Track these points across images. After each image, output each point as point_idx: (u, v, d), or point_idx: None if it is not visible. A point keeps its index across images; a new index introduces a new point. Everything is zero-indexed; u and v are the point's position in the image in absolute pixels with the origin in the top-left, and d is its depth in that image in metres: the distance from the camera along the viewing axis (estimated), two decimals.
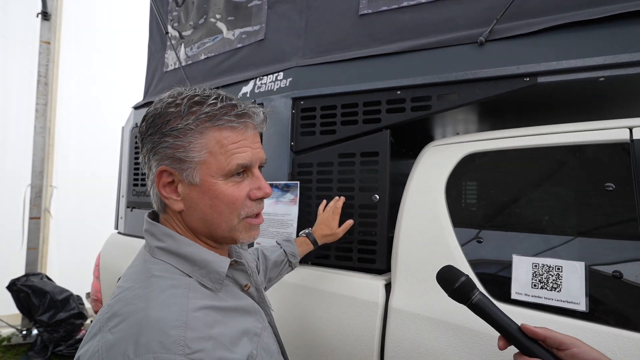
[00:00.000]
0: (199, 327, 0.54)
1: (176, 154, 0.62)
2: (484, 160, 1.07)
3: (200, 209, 0.65)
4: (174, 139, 0.62)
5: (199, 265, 0.63)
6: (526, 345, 0.67)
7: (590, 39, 0.99)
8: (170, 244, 0.64)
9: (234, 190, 0.65)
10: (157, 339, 0.51)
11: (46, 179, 3.92)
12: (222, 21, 1.83)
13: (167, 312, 0.54)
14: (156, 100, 0.66)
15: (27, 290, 3.31)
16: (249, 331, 0.63)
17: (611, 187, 0.87)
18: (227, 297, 0.65)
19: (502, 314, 0.71)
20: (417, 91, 1.22)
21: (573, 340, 0.65)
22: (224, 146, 0.63)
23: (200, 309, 0.57)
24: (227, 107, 0.64)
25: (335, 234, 1.23)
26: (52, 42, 3.93)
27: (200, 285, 0.62)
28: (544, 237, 0.93)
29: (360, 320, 1.11)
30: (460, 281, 0.75)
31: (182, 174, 0.63)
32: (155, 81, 2.20)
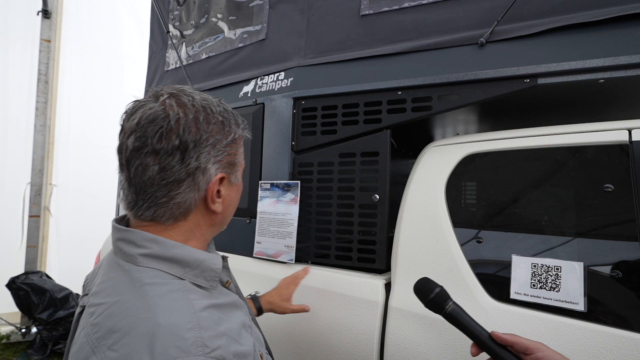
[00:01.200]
0: (210, 326, 0.55)
1: (233, 160, 0.69)
2: (484, 161, 1.08)
3: (234, 205, 0.74)
4: (231, 148, 0.68)
5: (192, 265, 0.62)
6: (496, 352, 0.72)
7: (590, 41, 1.00)
8: (156, 249, 0.61)
9: None
10: (174, 344, 0.50)
11: (46, 177, 3.91)
12: (223, 21, 1.83)
13: (177, 316, 0.53)
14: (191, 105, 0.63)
15: (27, 288, 3.30)
16: (245, 324, 0.65)
17: (610, 188, 0.87)
18: (219, 295, 0.65)
19: (474, 323, 0.76)
20: (417, 92, 1.23)
21: (538, 345, 0.70)
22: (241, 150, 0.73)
23: (205, 309, 0.57)
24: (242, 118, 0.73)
25: (283, 308, 1.12)
26: (53, 40, 3.93)
27: (195, 286, 0.62)
28: (543, 238, 0.93)
29: (360, 319, 1.11)
30: (434, 292, 0.80)
31: (231, 177, 0.69)
32: (156, 80, 2.20)
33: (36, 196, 3.81)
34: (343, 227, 1.32)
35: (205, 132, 0.63)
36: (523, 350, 0.70)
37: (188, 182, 0.62)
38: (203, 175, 0.63)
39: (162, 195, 0.61)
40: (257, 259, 1.44)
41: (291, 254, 1.35)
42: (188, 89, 0.66)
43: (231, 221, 1.78)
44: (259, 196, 1.47)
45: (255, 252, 1.45)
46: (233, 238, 1.56)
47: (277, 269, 1.36)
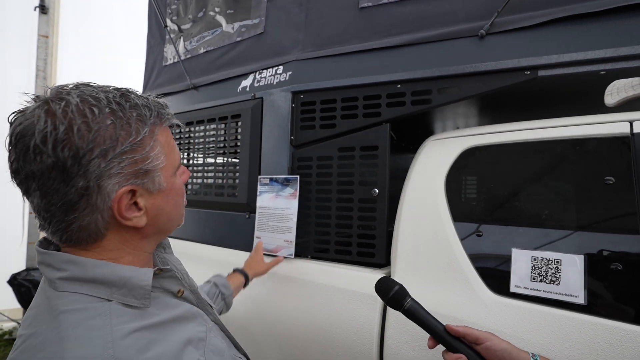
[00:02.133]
0: (131, 356, 0.49)
1: (142, 167, 0.56)
2: (484, 154, 1.07)
3: (167, 212, 0.62)
4: (134, 154, 0.54)
5: (117, 284, 0.55)
6: (450, 343, 0.76)
7: (591, 32, 0.99)
8: (74, 271, 0.54)
9: (180, 181, 0.65)
10: None
11: None
12: (221, 14, 1.82)
13: (88, 348, 0.47)
14: (61, 114, 0.50)
15: (28, 284, 3.32)
16: (192, 339, 0.59)
17: (611, 181, 0.87)
18: (158, 311, 0.58)
19: (431, 317, 0.80)
20: (417, 85, 1.22)
21: (487, 335, 0.75)
22: (169, 144, 0.61)
23: (130, 334, 0.51)
24: (157, 103, 0.59)
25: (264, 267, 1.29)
26: (50, 36, 3.91)
27: (125, 306, 0.54)
28: (544, 231, 0.93)
29: (359, 313, 1.11)
30: (393, 290, 0.83)
31: (148, 185, 0.57)
32: (154, 75, 2.19)
33: None
34: (342, 221, 1.32)
35: (85, 142, 0.50)
36: (474, 340, 0.75)
37: (83, 203, 0.52)
38: (99, 194, 0.52)
39: (59, 220, 0.53)
40: None
41: (291, 248, 1.35)
42: (79, 86, 0.55)
43: (230, 216, 1.77)
44: (258, 191, 1.47)
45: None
46: (232, 233, 1.56)
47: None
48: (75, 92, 0.53)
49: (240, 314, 1.34)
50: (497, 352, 0.73)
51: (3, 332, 3.52)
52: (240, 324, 1.33)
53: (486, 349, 0.74)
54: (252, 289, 1.32)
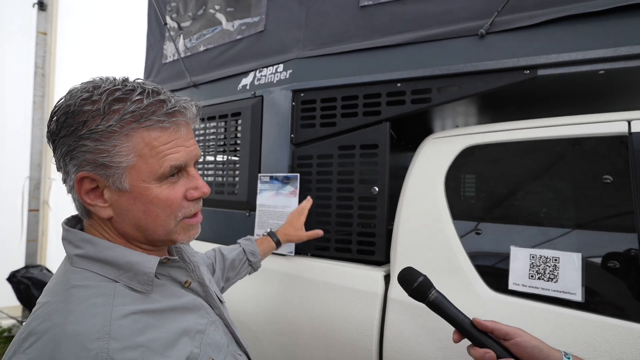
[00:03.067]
0: (125, 336, 0.51)
1: (98, 159, 0.55)
2: (483, 153, 1.08)
3: (132, 216, 0.60)
4: (95, 143, 0.55)
5: (124, 268, 0.58)
6: (477, 338, 0.73)
7: (590, 32, 0.99)
8: (89, 250, 0.58)
9: (169, 193, 0.60)
10: (75, 355, 0.47)
11: (44, 171, 3.91)
12: (221, 12, 1.82)
13: (87, 324, 0.50)
14: (68, 93, 0.58)
15: (27, 282, 3.32)
16: (189, 330, 0.61)
17: (609, 180, 0.88)
18: (162, 298, 0.61)
19: (456, 310, 0.77)
20: (417, 84, 1.22)
21: (517, 330, 0.72)
22: (154, 148, 0.57)
23: (128, 316, 0.54)
24: (155, 104, 0.57)
25: (299, 236, 1.24)
26: (49, 32, 3.89)
27: (129, 289, 0.58)
28: (542, 229, 0.94)
29: (360, 310, 1.12)
30: (418, 281, 0.80)
31: (108, 180, 0.57)
32: (154, 73, 2.19)
33: (35, 190, 3.81)
34: (343, 219, 1.33)
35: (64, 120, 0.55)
36: (503, 335, 0.72)
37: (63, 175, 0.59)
38: (67, 172, 0.58)
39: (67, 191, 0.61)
40: None
41: (291, 246, 1.35)
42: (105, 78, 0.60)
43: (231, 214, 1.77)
44: (258, 189, 1.47)
45: None
46: (232, 231, 1.57)
47: (276, 261, 1.37)
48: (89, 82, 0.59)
49: (241, 311, 1.35)
50: (528, 349, 0.69)
51: (2, 329, 3.53)
52: (241, 321, 1.34)
53: (516, 345, 0.70)
54: (254, 286, 1.33)
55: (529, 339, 0.71)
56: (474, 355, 0.73)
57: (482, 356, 0.71)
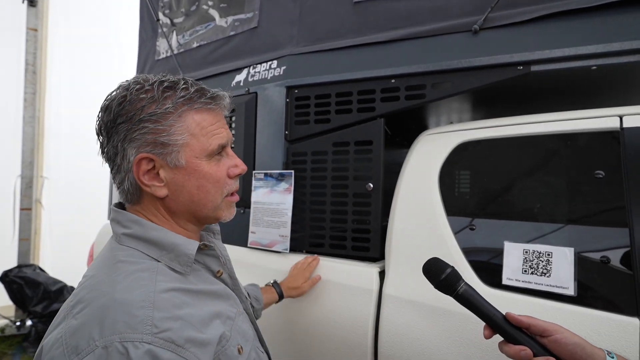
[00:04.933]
0: (166, 308, 0.55)
1: (158, 138, 0.62)
2: (477, 149, 1.08)
3: (187, 191, 0.66)
4: (154, 124, 0.62)
5: (167, 249, 0.63)
6: (511, 334, 0.68)
7: (582, 28, 1.00)
8: (137, 230, 0.64)
9: (217, 169, 0.68)
10: (123, 320, 0.51)
11: (36, 170, 3.87)
12: (214, 8, 1.80)
13: (133, 294, 0.55)
14: (119, 87, 0.65)
15: (20, 281, 3.29)
16: (221, 314, 0.64)
17: (601, 175, 0.88)
18: (197, 281, 0.65)
19: (487, 304, 0.72)
20: (411, 80, 1.22)
21: (556, 327, 0.67)
22: (204, 128, 0.66)
23: (168, 291, 0.58)
24: (200, 91, 0.66)
25: (302, 289, 1.19)
26: (39, 29, 3.84)
27: (169, 269, 0.63)
28: (535, 224, 0.94)
29: (355, 306, 1.13)
30: (446, 273, 0.75)
31: (166, 158, 0.63)
32: (147, 70, 2.17)
33: (27, 189, 3.77)
34: (337, 216, 1.32)
35: (119, 109, 0.62)
36: (540, 332, 0.67)
37: (117, 161, 0.64)
38: (124, 156, 0.63)
39: (113, 175, 0.67)
40: (252, 248, 1.44)
41: (286, 243, 1.35)
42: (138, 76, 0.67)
43: None
44: (253, 186, 1.47)
45: (249, 242, 1.45)
46: (227, 228, 1.56)
47: (271, 258, 1.37)
48: (135, 77, 0.66)
49: None
50: (569, 347, 0.64)
51: None
52: None
53: (555, 342, 0.65)
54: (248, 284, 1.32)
55: (569, 335, 0.66)
56: (508, 353, 0.68)
57: (517, 354, 0.66)
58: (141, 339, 0.50)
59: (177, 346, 0.53)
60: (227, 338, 0.62)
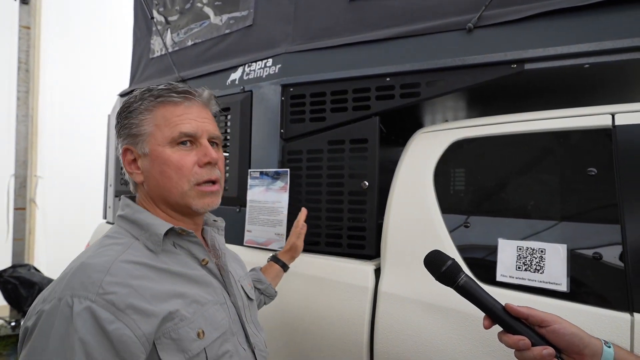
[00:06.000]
0: (120, 275, 0.60)
1: (131, 131, 0.72)
2: (471, 147, 1.09)
3: (153, 177, 0.72)
4: (129, 120, 0.73)
5: (144, 228, 0.70)
6: (510, 324, 0.70)
7: (575, 26, 1.01)
8: (127, 212, 0.73)
9: (181, 157, 0.71)
10: (80, 280, 0.58)
11: (30, 169, 3.84)
12: (209, 6, 1.79)
13: (97, 260, 0.61)
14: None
15: (15, 281, 3.27)
16: (186, 296, 0.67)
17: (593, 172, 0.89)
18: (170, 262, 0.69)
19: (487, 295, 0.74)
20: (406, 78, 1.23)
21: (554, 317, 0.68)
22: (168, 119, 0.72)
23: (131, 263, 0.63)
24: (171, 88, 0.74)
25: (294, 245, 1.18)
26: (32, 26, 3.80)
27: (145, 247, 0.68)
28: (529, 222, 0.95)
29: (350, 304, 1.13)
30: (447, 265, 0.77)
31: (137, 147, 0.72)
32: (141, 68, 2.15)
33: (21, 188, 3.74)
34: (333, 214, 1.33)
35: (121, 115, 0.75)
36: (538, 322, 0.68)
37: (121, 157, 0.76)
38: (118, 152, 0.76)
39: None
40: (248, 247, 1.44)
41: (282, 241, 1.36)
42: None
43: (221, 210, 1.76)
44: (249, 185, 1.47)
45: (245, 241, 1.45)
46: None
47: (267, 256, 1.37)
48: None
49: None
50: (566, 337, 0.66)
51: None
52: None
53: (553, 332, 0.67)
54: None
55: (567, 325, 0.67)
56: (507, 342, 0.69)
57: (516, 343, 0.67)
58: (86, 297, 0.56)
59: (117, 309, 0.57)
60: (181, 317, 0.64)
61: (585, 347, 0.65)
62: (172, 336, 0.62)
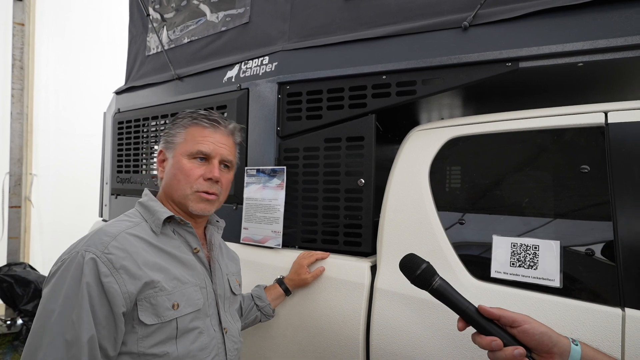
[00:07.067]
0: (122, 243, 0.77)
1: (168, 138, 0.94)
2: (466, 144, 1.10)
3: (168, 177, 0.91)
4: (170, 129, 0.94)
5: (151, 212, 0.87)
6: (483, 325, 0.72)
7: (569, 25, 1.01)
8: (145, 199, 0.91)
9: (192, 167, 0.89)
10: (94, 241, 0.75)
11: (25, 167, 3.81)
12: (205, 3, 1.79)
13: (110, 229, 0.79)
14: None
15: (10, 280, 3.25)
16: (169, 272, 0.81)
17: (586, 169, 0.90)
18: (165, 243, 0.85)
19: (461, 297, 0.75)
20: (402, 76, 1.23)
21: (524, 317, 0.71)
22: (194, 137, 0.91)
23: (134, 236, 0.80)
24: (205, 115, 0.94)
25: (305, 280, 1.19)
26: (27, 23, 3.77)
27: (150, 229, 0.85)
28: (523, 219, 0.96)
29: (347, 301, 1.14)
30: (421, 268, 0.78)
31: (167, 151, 0.93)
32: (137, 65, 2.14)
33: (16, 186, 3.72)
34: (329, 211, 1.33)
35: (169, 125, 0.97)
36: (510, 323, 0.71)
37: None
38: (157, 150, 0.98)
39: None
40: (245, 244, 1.45)
41: (278, 239, 1.36)
42: None
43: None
44: (245, 182, 1.47)
45: (242, 238, 1.46)
46: None
47: (264, 254, 1.37)
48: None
49: None
50: (536, 336, 0.68)
51: None
52: None
53: (523, 332, 0.69)
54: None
55: (536, 325, 0.69)
56: (480, 343, 0.71)
57: (489, 344, 0.69)
58: (93, 252, 0.73)
59: (113, 267, 0.73)
60: (161, 288, 0.78)
61: (554, 346, 0.68)
62: (152, 302, 0.77)
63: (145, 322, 0.75)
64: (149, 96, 2.00)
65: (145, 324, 0.75)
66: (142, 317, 0.75)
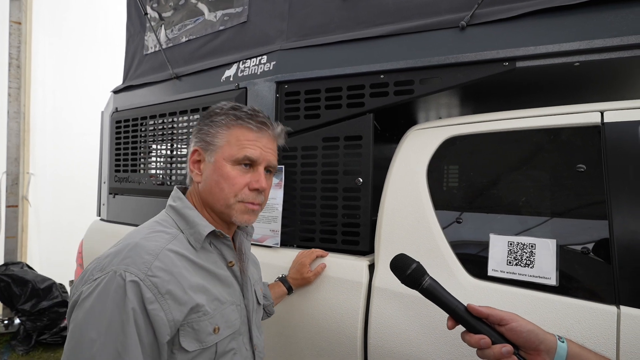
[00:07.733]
0: (165, 263, 0.69)
1: (206, 137, 0.81)
2: (464, 144, 1.10)
3: (209, 183, 0.81)
4: (209, 127, 0.81)
5: (190, 224, 0.78)
6: (472, 324, 0.73)
7: (566, 24, 1.02)
8: (178, 204, 0.82)
9: (237, 175, 0.79)
10: (132, 257, 0.67)
11: (22, 166, 3.80)
12: (203, 2, 1.79)
13: (148, 243, 0.71)
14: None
15: (7, 279, 3.24)
16: (210, 292, 0.75)
17: (582, 169, 0.91)
18: (205, 259, 0.78)
19: (451, 297, 0.76)
20: (400, 75, 1.23)
21: (512, 315, 0.72)
22: (239, 140, 0.80)
23: (175, 253, 0.72)
24: (251, 114, 0.82)
25: (307, 279, 1.20)
26: (23, 22, 3.75)
27: (187, 241, 0.77)
28: (520, 217, 0.97)
29: (345, 299, 1.14)
30: (411, 268, 0.79)
31: (206, 153, 0.81)
32: (135, 64, 2.14)
33: (13, 185, 3.71)
34: (327, 210, 1.34)
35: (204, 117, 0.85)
36: (498, 321, 0.72)
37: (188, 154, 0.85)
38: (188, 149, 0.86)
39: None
40: None
41: (276, 238, 1.36)
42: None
43: None
44: None
45: None
46: None
47: (262, 253, 1.37)
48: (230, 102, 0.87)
49: None
50: (523, 334, 0.70)
51: None
52: None
53: (511, 330, 0.71)
54: None
55: (524, 323, 0.71)
56: (469, 342, 0.73)
57: (477, 342, 0.71)
58: (136, 274, 0.65)
59: (158, 292, 0.66)
60: (204, 312, 0.72)
61: (540, 343, 0.69)
62: (194, 327, 0.71)
63: (187, 348, 0.70)
64: (146, 95, 1.99)
65: (187, 351, 0.70)
66: (184, 343, 0.69)
